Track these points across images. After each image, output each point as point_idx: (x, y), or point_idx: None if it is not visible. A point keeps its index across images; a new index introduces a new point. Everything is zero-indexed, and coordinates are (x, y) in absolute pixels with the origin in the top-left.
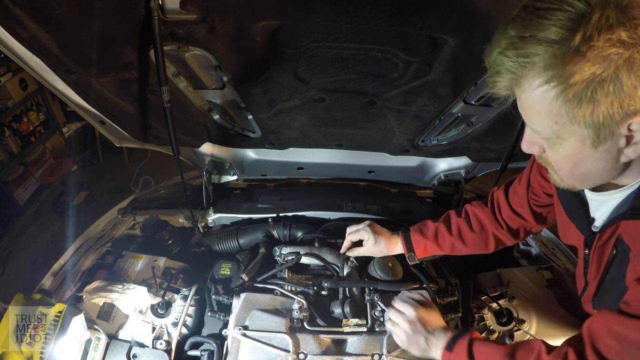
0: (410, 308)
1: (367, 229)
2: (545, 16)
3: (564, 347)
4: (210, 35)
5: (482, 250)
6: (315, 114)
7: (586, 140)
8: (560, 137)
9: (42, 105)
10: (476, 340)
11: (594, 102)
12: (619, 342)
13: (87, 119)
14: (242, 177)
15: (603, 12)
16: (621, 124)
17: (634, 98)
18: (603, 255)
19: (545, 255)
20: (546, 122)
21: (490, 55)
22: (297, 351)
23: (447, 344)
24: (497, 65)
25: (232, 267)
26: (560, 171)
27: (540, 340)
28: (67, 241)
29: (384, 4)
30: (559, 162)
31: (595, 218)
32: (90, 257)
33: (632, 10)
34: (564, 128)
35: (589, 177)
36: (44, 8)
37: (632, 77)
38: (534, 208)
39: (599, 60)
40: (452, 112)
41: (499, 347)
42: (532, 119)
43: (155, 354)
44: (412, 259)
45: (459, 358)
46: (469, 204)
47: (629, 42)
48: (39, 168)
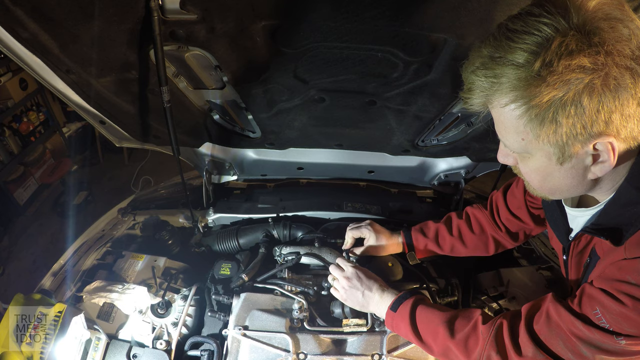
0: (349, 265)
1: (368, 227)
2: (514, 39)
3: (499, 319)
4: (210, 35)
5: (483, 252)
6: (315, 114)
7: (552, 157)
8: (528, 152)
9: (42, 105)
10: (420, 304)
11: (556, 123)
12: (550, 329)
13: (87, 119)
14: (242, 177)
15: (564, 38)
16: (585, 144)
17: (597, 121)
18: (581, 262)
19: (545, 255)
20: (514, 138)
21: (464, 72)
22: (297, 351)
23: (392, 304)
24: (470, 83)
25: (232, 267)
26: (531, 182)
27: (480, 310)
28: (67, 241)
29: (384, 4)
30: (529, 174)
31: (573, 228)
32: (90, 257)
33: (594, 37)
34: (531, 144)
35: (557, 190)
36: (44, 8)
37: (593, 101)
38: (531, 210)
39: (559, 84)
40: (452, 112)
41: (440, 313)
42: (502, 134)
43: (155, 354)
44: (412, 258)
45: (401, 319)
46: (469, 206)
47: (589, 67)
48: (39, 168)
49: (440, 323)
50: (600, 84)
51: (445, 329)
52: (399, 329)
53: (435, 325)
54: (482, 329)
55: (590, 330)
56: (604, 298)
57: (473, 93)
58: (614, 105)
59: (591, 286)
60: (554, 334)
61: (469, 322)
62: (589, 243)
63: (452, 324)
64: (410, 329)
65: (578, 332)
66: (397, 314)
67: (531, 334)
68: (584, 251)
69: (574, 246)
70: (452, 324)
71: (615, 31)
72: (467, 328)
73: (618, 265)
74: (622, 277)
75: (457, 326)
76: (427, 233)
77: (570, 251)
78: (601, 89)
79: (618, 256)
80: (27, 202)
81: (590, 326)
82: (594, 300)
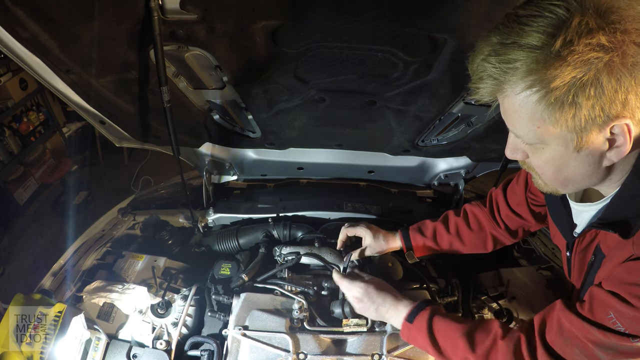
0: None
1: (363, 227)
2: (527, 23)
3: (516, 333)
4: (210, 35)
5: (481, 249)
6: (315, 114)
7: (569, 144)
8: (543, 142)
9: (42, 105)
10: (437, 315)
11: (576, 105)
12: (564, 338)
13: (87, 119)
14: (242, 177)
15: (583, 17)
16: (603, 127)
17: (614, 101)
18: (584, 260)
19: (545, 255)
20: (529, 127)
21: (473, 62)
22: (297, 351)
23: (408, 315)
24: (480, 72)
25: (232, 267)
26: (543, 175)
27: (498, 322)
28: (67, 241)
29: (384, 4)
30: (542, 166)
31: (577, 224)
32: (90, 257)
33: (611, 15)
34: (547, 132)
35: (571, 181)
36: (44, 8)
37: (612, 80)
38: (532, 207)
39: (579, 64)
40: (452, 112)
41: (459, 325)
42: (515, 124)
43: (155, 354)
44: (410, 257)
45: (418, 331)
46: (467, 204)
47: (608, 46)
48: (39, 168)
49: (460, 335)
50: (619, 63)
51: (465, 342)
52: (415, 341)
53: (455, 338)
54: (502, 344)
55: (606, 335)
56: (616, 302)
57: (484, 81)
58: (631, 85)
59: (601, 289)
60: (568, 343)
61: (488, 335)
62: (594, 240)
63: (472, 336)
64: (429, 341)
65: (594, 339)
66: (413, 326)
67: (546, 346)
68: (588, 248)
69: (578, 242)
70: (472, 337)
71: (631, 9)
72: (487, 341)
73: (626, 267)
74: (632, 280)
75: (477, 339)
76: (424, 232)
77: (574, 247)
78: (620, 67)
79: (625, 254)
80: (27, 202)
81: (605, 331)
82: (606, 305)
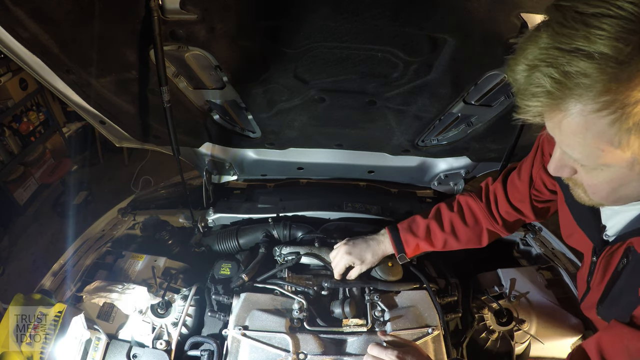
0: (388, 352)
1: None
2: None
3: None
4: (210, 35)
5: (476, 244)
6: (315, 114)
7: (635, 167)
8: (605, 164)
9: (42, 105)
10: None
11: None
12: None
13: (87, 119)
14: (242, 177)
15: None
16: None
17: None
18: (610, 264)
19: (545, 255)
20: (592, 150)
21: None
22: (297, 351)
23: None
24: (533, 86)
25: (232, 267)
26: (595, 194)
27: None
28: (67, 241)
29: (384, 4)
30: (596, 186)
31: (607, 227)
32: (90, 257)
33: None
34: (612, 156)
35: (627, 198)
36: (44, 8)
37: None
38: (535, 204)
39: None
40: (452, 112)
41: None
42: (574, 146)
43: (155, 354)
44: (403, 260)
45: None
46: (460, 195)
47: None
48: (39, 168)
49: None
50: None
51: None
52: None
53: None
54: None
55: None
56: None
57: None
58: None
59: None
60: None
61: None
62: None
63: None
64: None
65: None
66: None
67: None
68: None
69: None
70: None
71: None
72: None
73: None
74: None
75: None
76: (416, 232)
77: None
78: None
79: None
80: (27, 202)
81: None
82: None
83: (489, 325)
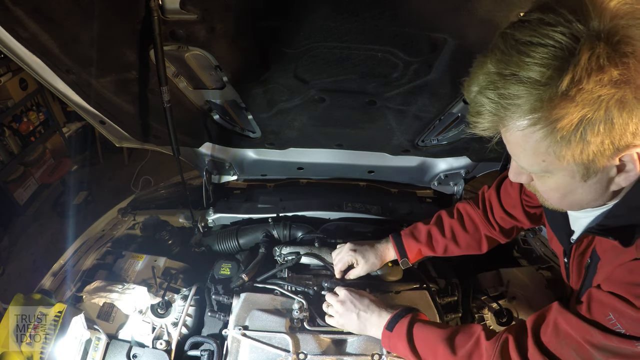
0: (342, 289)
1: (350, 253)
2: (527, 52)
3: (504, 334)
4: (210, 35)
5: (476, 250)
6: (315, 114)
7: (575, 175)
8: (549, 172)
9: (42, 105)
10: (417, 322)
11: (583, 142)
12: (560, 339)
13: (87, 119)
14: (242, 177)
15: (593, 50)
16: (612, 157)
17: (624, 133)
18: (581, 264)
19: (545, 255)
20: (533, 160)
21: (469, 92)
22: (297, 351)
23: (387, 323)
24: (478, 106)
25: (232, 267)
26: (549, 200)
27: (481, 326)
28: (67, 241)
29: (384, 4)
30: (547, 192)
31: (575, 231)
32: (90, 257)
33: (624, 46)
34: (552, 165)
35: (577, 204)
36: (44, 8)
37: (623, 114)
38: (526, 209)
39: (588, 102)
40: (452, 112)
41: (439, 330)
42: (519, 157)
43: (155, 354)
44: (405, 264)
45: (398, 338)
46: (460, 203)
47: (620, 79)
48: (39, 168)
49: (440, 340)
50: (631, 97)
51: (445, 347)
52: (396, 349)
53: (434, 343)
54: (486, 345)
55: (605, 336)
56: (617, 302)
57: (483, 117)
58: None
59: (599, 290)
60: (564, 345)
61: (470, 338)
62: (590, 244)
63: (452, 340)
64: (409, 348)
65: (592, 340)
66: (393, 334)
67: (540, 346)
68: (585, 252)
69: (575, 248)
70: (452, 341)
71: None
72: (469, 344)
73: (628, 267)
74: (635, 280)
75: (457, 343)
76: (418, 237)
77: (572, 253)
78: (632, 101)
79: (627, 257)
80: (27, 202)
81: (605, 332)
82: (605, 306)
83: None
